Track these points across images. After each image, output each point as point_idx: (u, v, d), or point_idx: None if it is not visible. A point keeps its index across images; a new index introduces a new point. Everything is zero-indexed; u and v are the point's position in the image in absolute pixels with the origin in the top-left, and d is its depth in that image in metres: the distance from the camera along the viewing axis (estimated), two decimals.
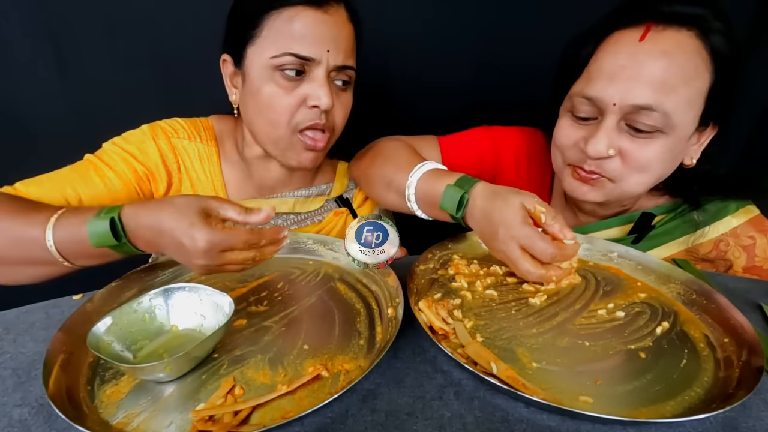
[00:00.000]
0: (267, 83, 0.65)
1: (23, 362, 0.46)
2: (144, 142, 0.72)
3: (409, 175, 0.66)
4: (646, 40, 0.58)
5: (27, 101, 0.97)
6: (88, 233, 0.50)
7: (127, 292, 0.56)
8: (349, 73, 0.70)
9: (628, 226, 0.74)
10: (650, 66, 0.58)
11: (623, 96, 0.59)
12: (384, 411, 0.39)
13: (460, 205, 0.58)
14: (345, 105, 0.72)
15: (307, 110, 0.67)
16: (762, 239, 0.68)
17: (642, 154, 0.61)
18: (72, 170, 0.67)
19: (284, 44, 0.63)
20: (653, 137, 0.61)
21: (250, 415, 0.38)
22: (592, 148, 0.62)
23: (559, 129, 0.69)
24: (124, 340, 0.44)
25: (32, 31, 0.92)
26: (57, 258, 0.52)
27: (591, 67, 0.63)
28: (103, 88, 0.98)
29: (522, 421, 0.38)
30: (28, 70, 0.94)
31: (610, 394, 0.41)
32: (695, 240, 0.71)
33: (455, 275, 0.61)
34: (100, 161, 0.68)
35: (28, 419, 0.39)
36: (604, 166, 0.64)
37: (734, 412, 0.39)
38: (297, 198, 0.81)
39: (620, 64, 0.60)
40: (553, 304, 0.55)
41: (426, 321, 0.49)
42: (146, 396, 0.41)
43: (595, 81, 0.62)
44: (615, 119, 0.61)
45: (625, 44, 0.60)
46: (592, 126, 0.64)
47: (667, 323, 0.51)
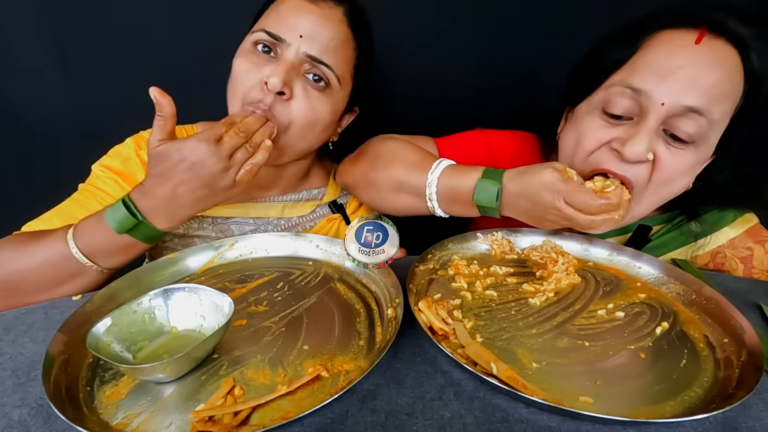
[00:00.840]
0: (240, 57, 0.66)
1: (23, 363, 0.46)
2: (129, 158, 0.71)
3: (428, 173, 0.64)
4: (702, 45, 0.56)
5: (29, 102, 0.97)
6: (107, 220, 0.55)
7: (126, 292, 0.55)
8: (326, 72, 0.65)
9: (625, 237, 0.73)
10: (709, 70, 0.55)
11: (675, 97, 0.55)
12: (384, 411, 0.39)
13: (498, 197, 0.58)
14: (312, 104, 0.65)
15: (259, 88, 0.63)
16: (759, 250, 0.68)
17: (674, 165, 0.58)
18: (73, 202, 0.68)
19: (264, 23, 0.65)
20: (687, 149, 0.58)
21: (250, 415, 0.38)
22: (630, 150, 0.57)
23: (587, 128, 0.63)
24: (124, 340, 0.44)
25: (35, 32, 0.92)
26: (85, 263, 0.56)
27: (639, 61, 0.59)
28: (104, 88, 0.98)
29: (522, 422, 0.38)
30: (30, 71, 0.94)
31: (610, 395, 0.41)
32: (693, 252, 0.70)
33: (455, 275, 0.61)
34: (95, 188, 0.69)
35: (27, 420, 0.39)
36: (635, 172, 0.60)
37: (734, 412, 0.40)
38: (285, 203, 0.79)
39: (676, 64, 0.56)
40: (553, 305, 0.55)
41: (426, 321, 0.49)
42: (146, 397, 0.41)
43: (644, 74, 0.57)
44: (657, 121, 0.57)
45: (680, 45, 0.57)
46: (627, 126, 0.59)
47: (666, 323, 0.51)
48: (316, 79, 0.65)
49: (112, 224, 0.55)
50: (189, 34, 0.95)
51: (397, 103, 1.10)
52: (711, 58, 0.56)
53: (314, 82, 0.65)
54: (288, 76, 0.62)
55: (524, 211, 0.59)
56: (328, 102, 0.67)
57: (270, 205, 0.77)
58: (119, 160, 0.71)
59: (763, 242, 0.68)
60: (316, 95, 0.66)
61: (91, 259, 0.56)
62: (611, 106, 0.60)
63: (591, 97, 0.64)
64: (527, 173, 0.57)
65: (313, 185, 0.84)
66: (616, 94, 0.59)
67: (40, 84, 0.95)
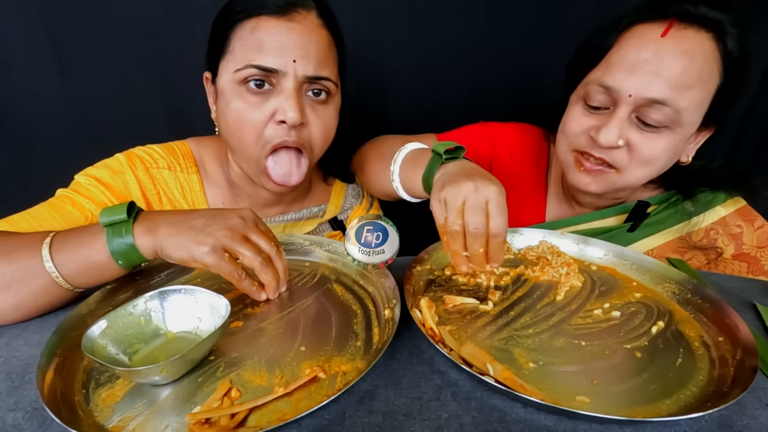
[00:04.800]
0: (234, 99, 0.62)
1: (17, 366, 0.45)
2: (122, 173, 0.69)
3: (397, 151, 0.68)
4: (668, 36, 0.60)
5: (26, 102, 0.96)
6: (99, 217, 0.50)
7: (121, 294, 0.55)
8: (326, 84, 0.64)
9: (623, 216, 0.77)
10: (671, 63, 0.60)
11: (640, 89, 0.61)
12: (381, 412, 0.39)
13: (445, 147, 0.58)
14: (324, 120, 0.66)
15: (275, 126, 0.63)
16: (749, 228, 0.73)
17: (648, 148, 0.64)
18: (47, 206, 0.64)
19: (247, 56, 0.60)
20: (660, 132, 0.63)
21: (246, 417, 0.38)
22: (604, 138, 0.64)
23: (571, 116, 0.70)
24: (120, 343, 0.44)
25: (32, 33, 0.91)
26: (55, 275, 0.50)
27: (612, 57, 0.65)
28: (102, 89, 0.98)
29: (519, 422, 0.38)
30: (27, 72, 0.94)
31: (607, 394, 0.41)
32: (689, 228, 0.74)
33: (452, 276, 0.61)
34: (76, 193, 0.65)
35: (22, 424, 0.38)
36: (612, 155, 0.66)
37: (729, 410, 0.40)
38: (287, 222, 0.78)
39: (642, 58, 0.61)
40: (550, 304, 0.55)
41: (420, 319, 0.49)
42: (142, 399, 0.40)
43: (615, 71, 0.63)
44: (627, 111, 0.63)
45: (648, 38, 0.62)
46: (604, 115, 0.66)
47: (662, 323, 0.51)
48: (316, 93, 0.65)
49: (102, 216, 0.50)
50: (187, 35, 0.95)
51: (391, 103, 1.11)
52: (678, 48, 0.60)
53: (315, 96, 0.65)
54: (301, 105, 0.62)
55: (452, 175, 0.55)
56: (333, 109, 0.68)
57: (272, 226, 0.74)
58: (108, 172, 0.68)
59: (752, 221, 0.73)
60: (322, 109, 0.66)
61: (60, 272, 0.50)
62: (589, 99, 0.67)
63: (577, 88, 0.71)
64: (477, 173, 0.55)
65: (314, 202, 0.83)
66: (592, 90, 0.66)
67: (37, 85, 0.95)
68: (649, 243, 0.76)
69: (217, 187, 0.77)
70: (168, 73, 0.99)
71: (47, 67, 0.94)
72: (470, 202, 0.50)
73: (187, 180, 0.74)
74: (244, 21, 0.61)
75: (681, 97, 0.60)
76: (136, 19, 0.94)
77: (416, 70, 1.07)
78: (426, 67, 1.07)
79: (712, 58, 0.61)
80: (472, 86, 1.10)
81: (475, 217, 0.50)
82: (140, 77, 0.98)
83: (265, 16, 0.60)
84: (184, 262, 0.51)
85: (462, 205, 0.51)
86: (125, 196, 0.68)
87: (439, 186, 0.54)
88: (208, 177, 0.76)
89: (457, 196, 0.51)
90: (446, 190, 0.52)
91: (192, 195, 0.74)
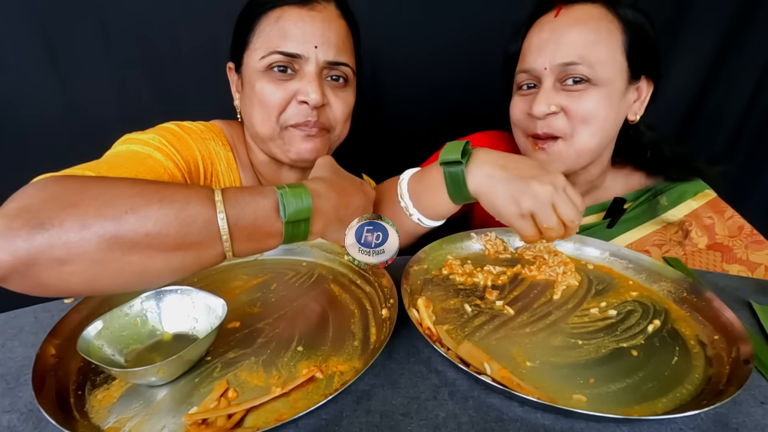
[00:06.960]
0: (258, 82, 0.67)
1: (12, 367, 0.45)
2: (184, 139, 0.67)
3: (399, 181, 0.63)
4: (560, 15, 0.70)
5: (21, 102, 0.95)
6: (283, 201, 0.44)
7: (118, 295, 0.55)
8: (345, 70, 0.69)
9: (602, 214, 0.81)
10: (568, 32, 0.68)
11: (550, 59, 0.69)
12: (379, 412, 0.39)
13: (465, 152, 0.56)
14: (344, 102, 0.71)
15: (297, 106, 0.67)
16: (720, 219, 0.77)
17: (581, 106, 0.68)
18: (129, 158, 0.57)
19: (272, 44, 0.65)
20: (586, 90, 0.68)
21: (243, 418, 0.38)
22: (537, 108, 0.69)
23: (512, 107, 0.78)
24: (116, 344, 0.44)
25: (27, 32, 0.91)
26: (224, 234, 0.41)
27: (524, 48, 0.74)
28: (97, 89, 0.97)
29: (516, 420, 0.39)
30: (22, 71, 0.93)
31: (603, 393, 0.41)
32: (664, 222, 0.79)
33: (449, 275, 0.61)
34: (153, 149, 0.60)
35: (17, 425, 0.38)
36: (552, 124, 0.70)
37: (725, 408, 0.40)
38: None
39: (544, 38, 0.70)
40: (546, 303, 0.55)
41: (417, 318, 0.49)
42: (138, 400, 0.40)
43: (527, 56, 0.73)
44: (550, 81, 0.70)
45: (544, 23, 0.71)
46: (534, 93, 0.72)
47: (658, 321, 0.52)
48: (335, 79, 0.69)
49: (290, 207, 0.44)
50: (182, 32, 0.94)
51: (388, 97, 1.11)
52: (570, 19, 0.69)
53: (335, 81, 0.69)
54: (322, 88, 0.66)
55: (501, 168, 0.55)
56: (351, 93, 0.73)
57: None
58: (171, 136, 0.65)
59: (722, 212, 0.78)
60: (342, 93, 0.71)
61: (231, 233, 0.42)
62: (520, 84, 0.76)
63: (513, 86, 0.79)
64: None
65: None
66: (519, 79, 0.76)
67: (30, 84, 0.94)
68: (628, 237, 0.80)
69: (245, 170, 0.78)
70: (163, 72, 0.99)
71: (40, 66, 0.93)
72: (559, 203, 0.53)
73: (226, 156, 0.75)
74: (269, 11, 0.65)
75: (587, 52, 0.66)
76: (131, 17, 0.93)
77: (411, 67, 1.07)
78: (421, 64, 1.07)
79: (605, 19, 0.68)
80: (467, 85, 1.10)
81: (570, 214, 0.53)
82: (135, 76, 0.98)
83: (288, 6, 0.65)
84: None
85: (554, 209, 0.53)
86: (192, 161, 0.67)
87: (508, 200, 0.54)
88: (239, 158, 0.78)
89: (544, 205, 0.53)
90: (524, 202, 0.53)
91: (230, 172, 0.75)
